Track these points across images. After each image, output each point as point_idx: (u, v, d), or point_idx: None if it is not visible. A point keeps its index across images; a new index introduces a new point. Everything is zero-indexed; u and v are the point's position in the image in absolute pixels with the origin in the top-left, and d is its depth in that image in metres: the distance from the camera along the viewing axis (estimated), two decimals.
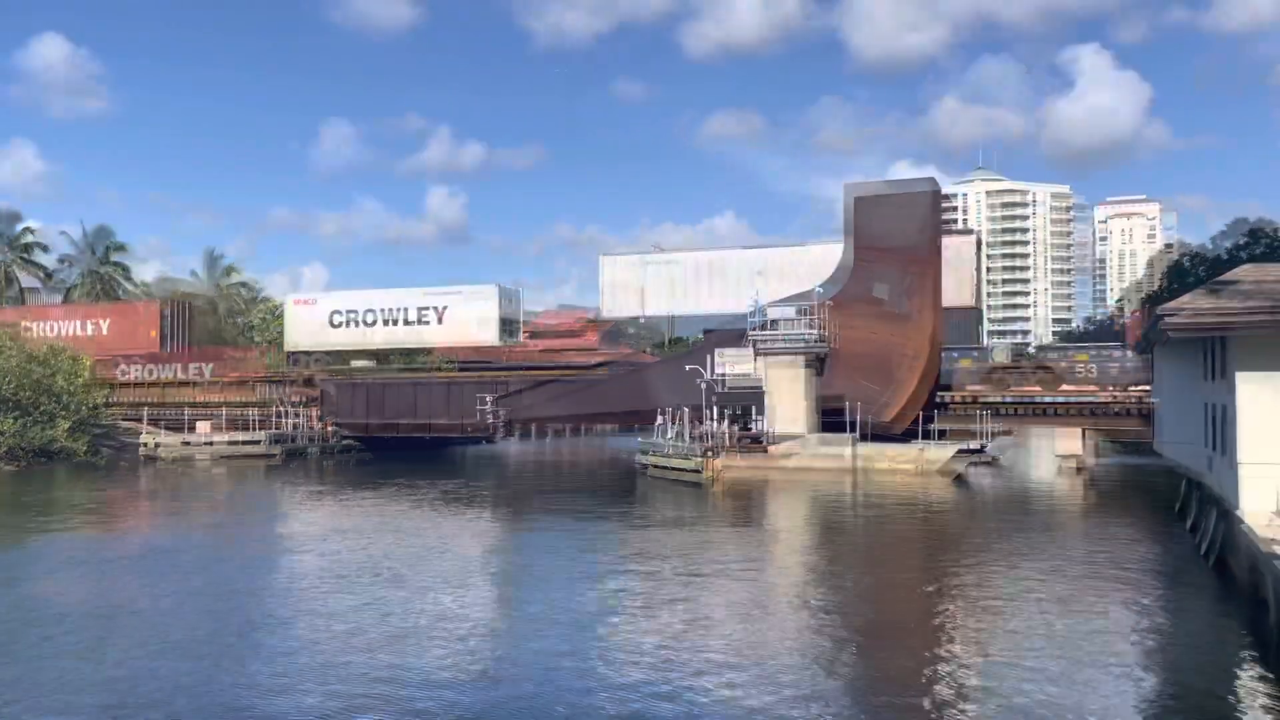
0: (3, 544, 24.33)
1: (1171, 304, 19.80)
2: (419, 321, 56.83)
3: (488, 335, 55.97)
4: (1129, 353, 43.42)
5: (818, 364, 44.27)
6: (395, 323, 57.24)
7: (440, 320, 56.39)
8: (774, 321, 43.89)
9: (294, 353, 59.74)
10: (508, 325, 56.63)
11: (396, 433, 56.06)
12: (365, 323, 58.08)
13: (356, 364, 58.43)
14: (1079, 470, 43.08)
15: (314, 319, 59.00)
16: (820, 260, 47.56)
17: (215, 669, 12.93)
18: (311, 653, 13.72)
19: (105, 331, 61.93)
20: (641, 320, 52.55)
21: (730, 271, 50.54)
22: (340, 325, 58.49)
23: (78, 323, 64.24)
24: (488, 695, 11.88)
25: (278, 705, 11.53)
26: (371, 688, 12.08)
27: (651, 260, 52.92)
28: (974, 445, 43.34)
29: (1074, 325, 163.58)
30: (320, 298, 61.10)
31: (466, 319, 56.02)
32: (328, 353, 58.34)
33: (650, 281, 51.83)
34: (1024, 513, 30.76)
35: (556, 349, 73.93)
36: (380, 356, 59.26)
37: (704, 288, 50.76)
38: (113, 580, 19.10)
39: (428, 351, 59.63)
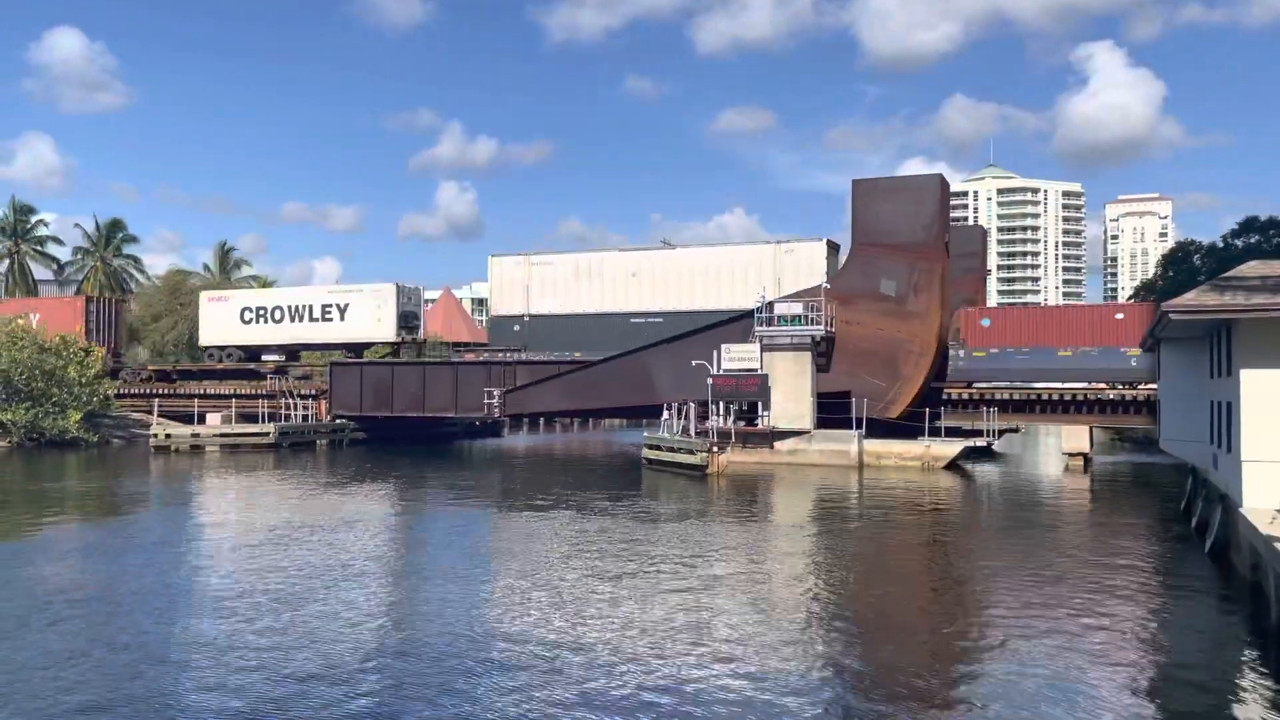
0: (49, 529, 24.57)
1: (1175, 300, 19.77)
2: (323, 318, 60.64)
3: (385, 331, 59.53)
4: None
5: (823, 359, 44.33)
6: (301, 319, 61.17)
7: (343, 317, 60.20)
8: (779, 317, 43.95)
9: (208, 347, 63.85)
10: (406, 320, 59.99)
11: (404, 426, 56.64)
12: (274, 319, 61.93)
13: (267, 358, 62.49)
14: (1086, 467, 43.02)
15: (227, 315, 62.77)
16: (746, 261, 51.23)
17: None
18: (317, 642, 13.84)
19: (34, 326, 61.96)
20: (526, 319, 55.90)
21: (606, 273, 54.08)
22: (250, 321, 62.37)
23: (7, 316, 65.27)
24: (497, 680, 11.97)
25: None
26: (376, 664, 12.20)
27: (536, 261, 56.18)
28: (980, 441, 43.36)
29: None
30: (232, 295, 66.08)
31: (366, 316, 59.62)
32: (239, 347, 61.51)
33: (534, 282, 55.46)
34: (1029, 509, 30.75)
35: None
36: (289, 352, 63.03)
37: (582, 288, 54.23)
38: (107, 565, 19.27)
39: (333, 347, 62.82)
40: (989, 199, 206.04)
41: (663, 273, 53.01)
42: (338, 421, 56.70)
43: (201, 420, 56.51)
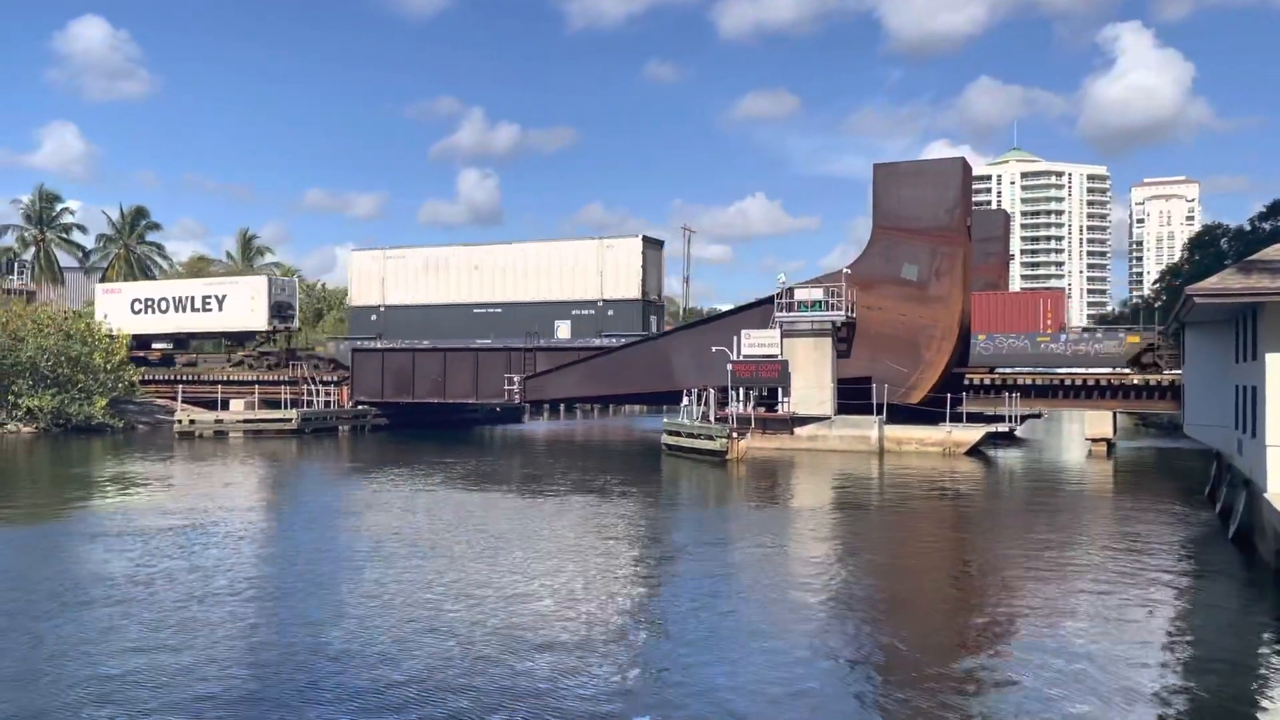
0: (94, 512, 24.90)
1: (1199, 284, 19.55)
2: (203, 309, 65.13)
3: (258, 321, 64.09)
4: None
5: (843, 344, 44.18)
6: (184, 310, 65.67)
7: (221, 308, 64.40)
8: (799, 302, 43.82)
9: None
10: (279, 310, 64.46)
11: (425, 411, 57.16)
12: (160, 310, 66.43)
13: (156, 346, 67.10)
14: (1109, 452, 42.73)
15: (120, 306, 66.79)
16: (573, 256, 54.61)
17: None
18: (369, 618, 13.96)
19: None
20: (382, 309, 58.93)
21: (453, 267, 57.41)
22: (140, 312, 66.52)
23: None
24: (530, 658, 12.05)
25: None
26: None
27: (390, 255, 59.47)
28: (1002, 427, 43.13)
29: (1109, 309, 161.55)
30: (124, 287, 70.77)
31: (241, 306, 63.83)
32: (132, 336, 63.52)
33: (389, 275, 58.68)
34: (1052, 494, 30.57)
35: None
36: (177, 341, 67.66)
37: (431, 281, 57.72)
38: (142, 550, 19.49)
39: (213, 336, 68.03)
40: (1012, 182, 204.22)
41: (501, 267, 56.35)
42: (360, 407, 57.13)
43: (225, 406, 57.04)
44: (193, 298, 65.49)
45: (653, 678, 11.68)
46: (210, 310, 64.70)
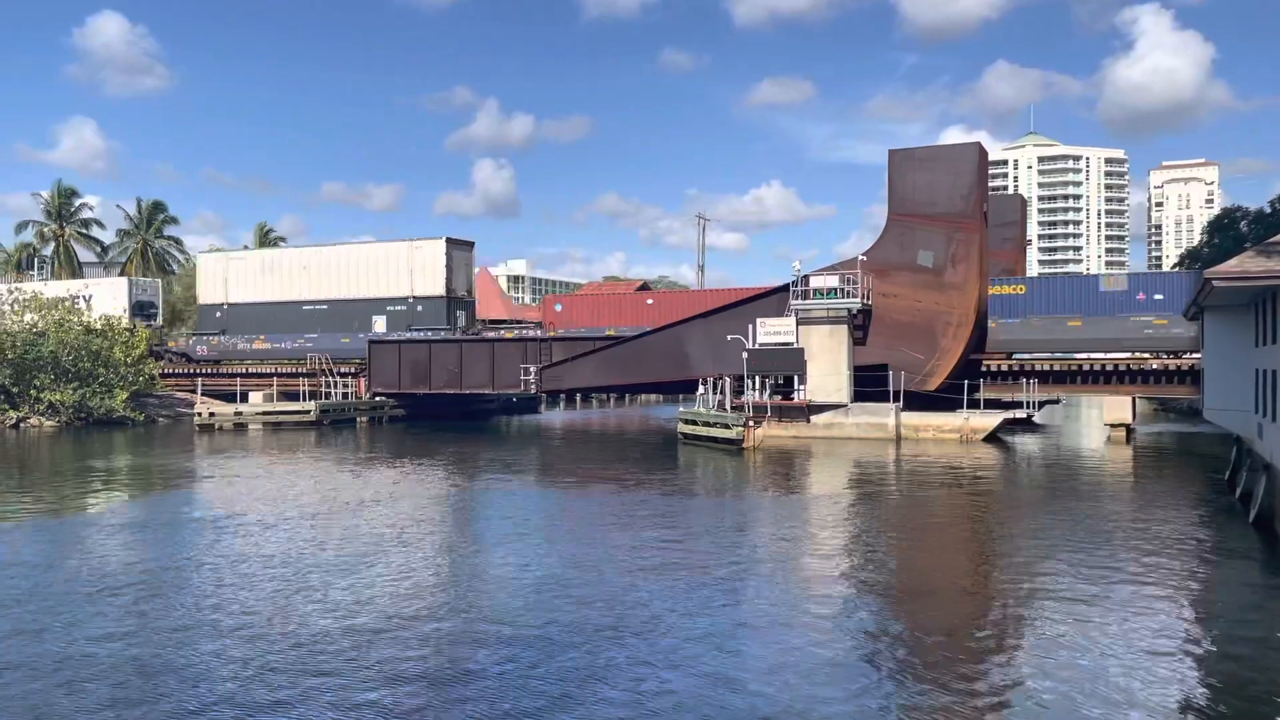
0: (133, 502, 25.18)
1: (1219, 266, 19.41)
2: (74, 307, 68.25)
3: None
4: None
5: (859, 332, 44.08)
6: (58, 307, 67.12)
7: (89, 306, 64.55)
8: (815, 290, 43.73)
9: None
10: (140, 309, 67.31)
11: (442, 402, 57.45)
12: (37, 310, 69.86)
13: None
14: (1128, 437, 42.50)
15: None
16: (385, 257, 60.82)
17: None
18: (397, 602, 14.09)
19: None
20: (225, 306, 64.17)
21: (284, 267, 62.80)
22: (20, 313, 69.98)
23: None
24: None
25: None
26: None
27: (232, 257, 66.83)
28: (1020, 413, 42.95)
29: None
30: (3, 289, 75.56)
31: (106, 306, 65.09)
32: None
33: (231, 275, 64.08)
34: (1071, 479, 30.44)
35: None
36: None
37: (267, 280, 63.29)
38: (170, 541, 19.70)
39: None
40: (1029, 167, 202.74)
41: (325, 267, 62.24)
42: (377, 399, 57.42)
43: (244, 399, 57.42)
44: (65, 298, 64.86)
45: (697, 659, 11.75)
46: (80, 309, 65.53)
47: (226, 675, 11.27)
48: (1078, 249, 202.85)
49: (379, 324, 60.08)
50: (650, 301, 59.20)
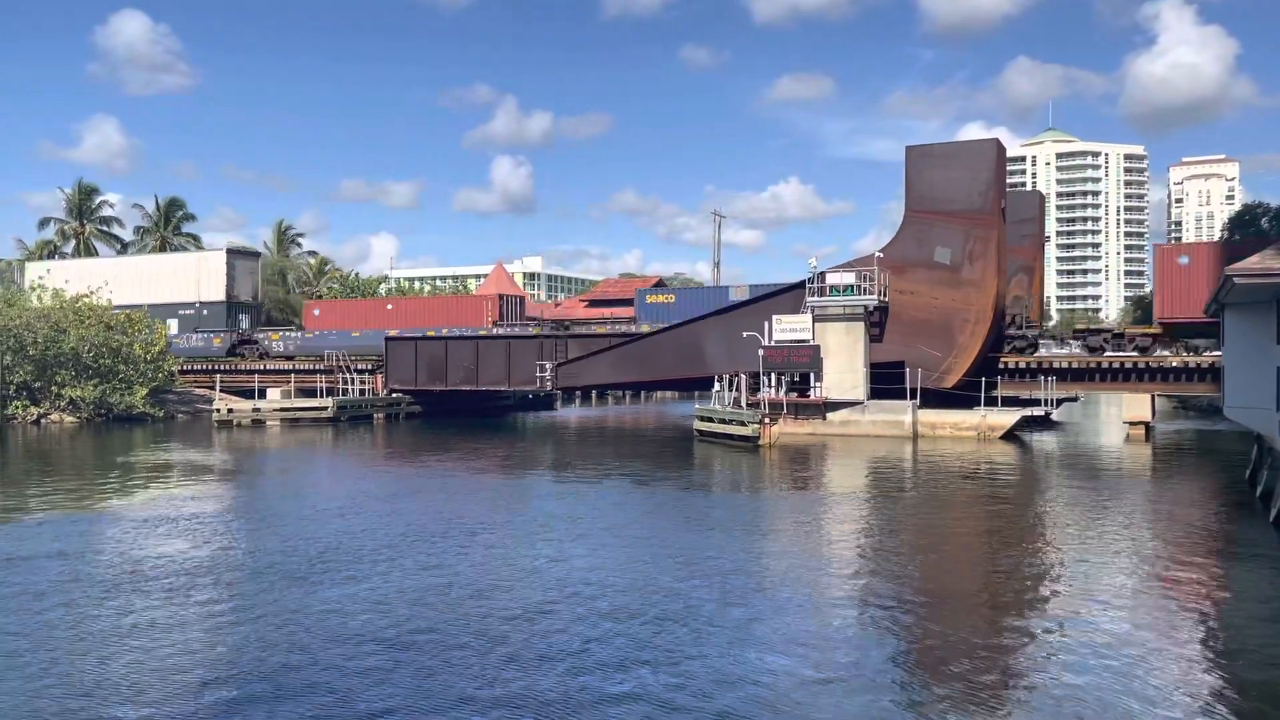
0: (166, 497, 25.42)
1: (1240, 264, 19.26)
2: None
3: None
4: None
5: (876, 329, 43.95)
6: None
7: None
8: (831, 287, 43.62)
9: None
10: None
11: (458, 399, 57.72)
12: None
13: None
14: (1147, 435, 42.23)
15: None
16: (179, 267, 68.86)
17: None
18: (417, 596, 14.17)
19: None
20: None
21: (96, 276, 65.25)
22: None
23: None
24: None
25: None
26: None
27: (53, 267, 70.81)
28: (1038, 411, 42.73)
29: (1147, 290, 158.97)
30: None
31: None
32: None
33: (51, 283, 64.50)
34: (1089, 478, 30.28)
35: (606, 316, 75.25)
36: None
37: (81, 289, 63.66)
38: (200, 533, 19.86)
39: None
40: (1047, 163, 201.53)
41: (129, 276, 68.15)
42: (394, 395, 57.67)
43: (262, 395, 57.76)
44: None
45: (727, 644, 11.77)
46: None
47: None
48: (1096, 245, 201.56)
49: (173, 326, 65.64)
50: (390, 307, 66.20)
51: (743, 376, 42.99)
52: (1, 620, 13.53)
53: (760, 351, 43.29)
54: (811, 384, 43.62)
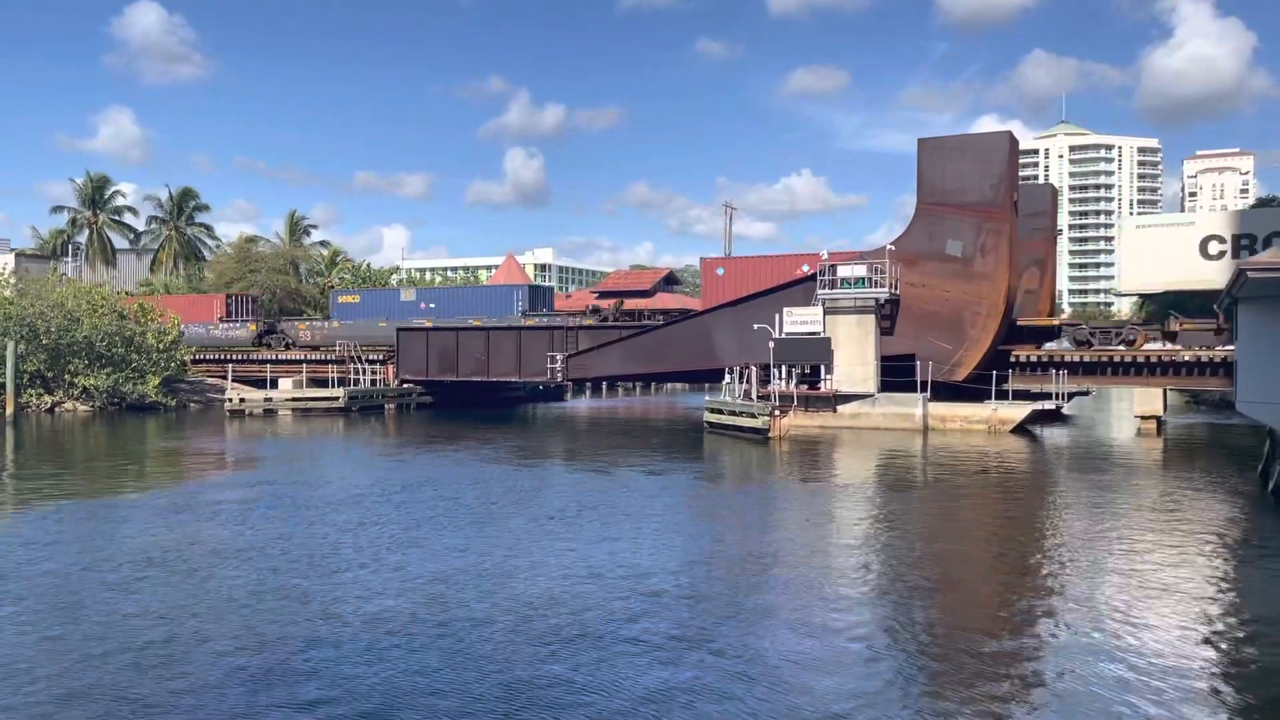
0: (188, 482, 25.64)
1: (1253, 258, 19.19)
2: None
3: None
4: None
5: (887, 322, 43.90)
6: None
7: None
8: (842, 279, 43.58)
9: None
10: None
11: (469, 389, 57.92)
12: None
13: None
14: (1159, 430, 42.12)
15: None
16: None
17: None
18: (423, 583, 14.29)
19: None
20: None
21: None
22: None
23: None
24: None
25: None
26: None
27: None
28: (1049, 405, 42.66)
29: None
30: None
31: None
32: None
33: None
34: (1100, 471, 30.23)
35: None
36: None
37: None
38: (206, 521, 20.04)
39: None
40: (1060, 156, 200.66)
41: None
42: (405, 386, 57.87)
43: (274, 385, 58.01)
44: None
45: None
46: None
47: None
48: (1109, 239, 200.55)
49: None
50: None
51: (753, 368, 43.00)
52: (33, 603, 13.75)
53: (770, 344, 43.29)
54: (822, 376, 43.62)
